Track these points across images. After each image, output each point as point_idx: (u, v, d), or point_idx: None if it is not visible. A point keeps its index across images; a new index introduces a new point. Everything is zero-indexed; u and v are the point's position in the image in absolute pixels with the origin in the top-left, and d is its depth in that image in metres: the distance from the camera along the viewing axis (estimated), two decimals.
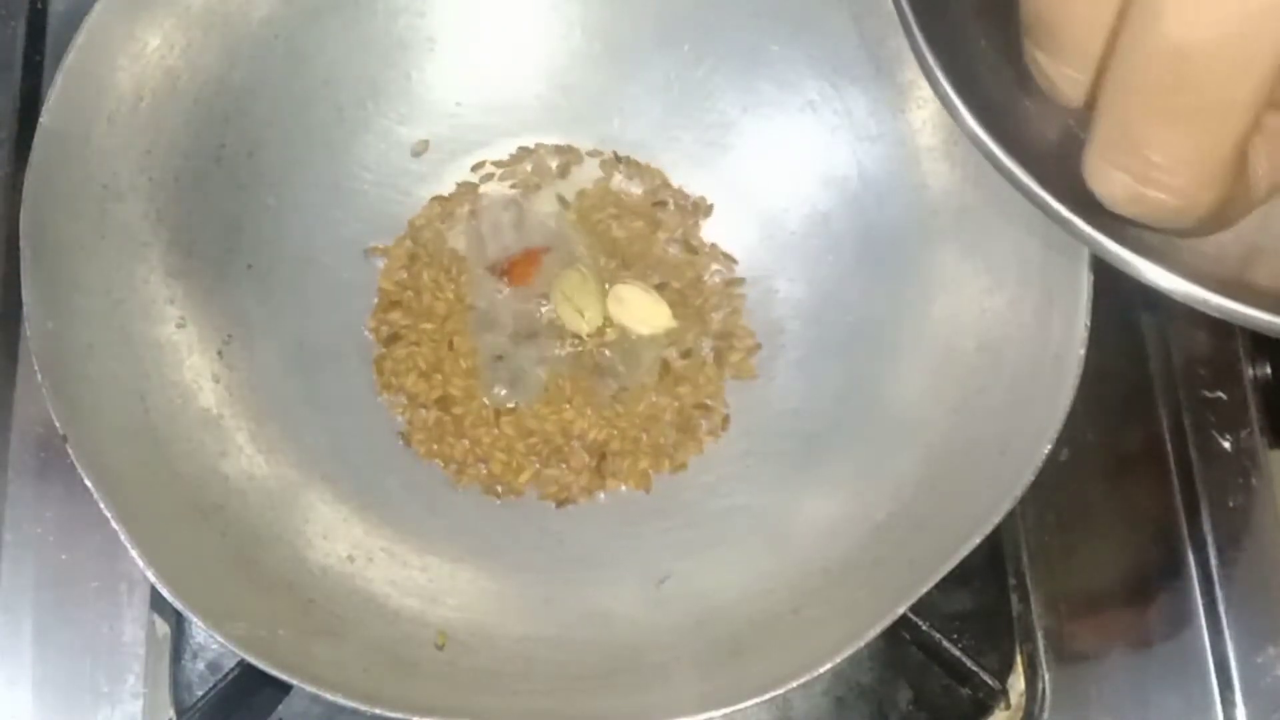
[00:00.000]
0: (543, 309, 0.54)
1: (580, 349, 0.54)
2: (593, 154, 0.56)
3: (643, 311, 0.54)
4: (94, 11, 0.47)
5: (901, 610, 0.42)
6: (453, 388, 0.53)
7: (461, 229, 0.56)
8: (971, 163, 0.50)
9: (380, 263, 0.55)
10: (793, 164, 0.55)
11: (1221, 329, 0.55)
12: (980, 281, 0.49)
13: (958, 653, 0.48)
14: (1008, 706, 0.50)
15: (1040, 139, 0.35)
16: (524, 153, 0.56)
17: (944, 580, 0.42)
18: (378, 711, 0.41)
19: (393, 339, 0.54)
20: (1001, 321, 0.48)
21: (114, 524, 0.42)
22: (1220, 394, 0.54)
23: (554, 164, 0.56)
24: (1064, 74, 0.33)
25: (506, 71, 0.56)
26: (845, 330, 0.53)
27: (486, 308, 0.54)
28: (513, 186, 0.56)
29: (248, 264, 0.52)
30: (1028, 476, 0.43)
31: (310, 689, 0.41)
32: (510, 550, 0.50)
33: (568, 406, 0.53)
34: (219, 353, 0.50)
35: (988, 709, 0.50)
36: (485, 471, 0.52)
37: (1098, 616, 0.52)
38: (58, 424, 0.43)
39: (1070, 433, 0.44)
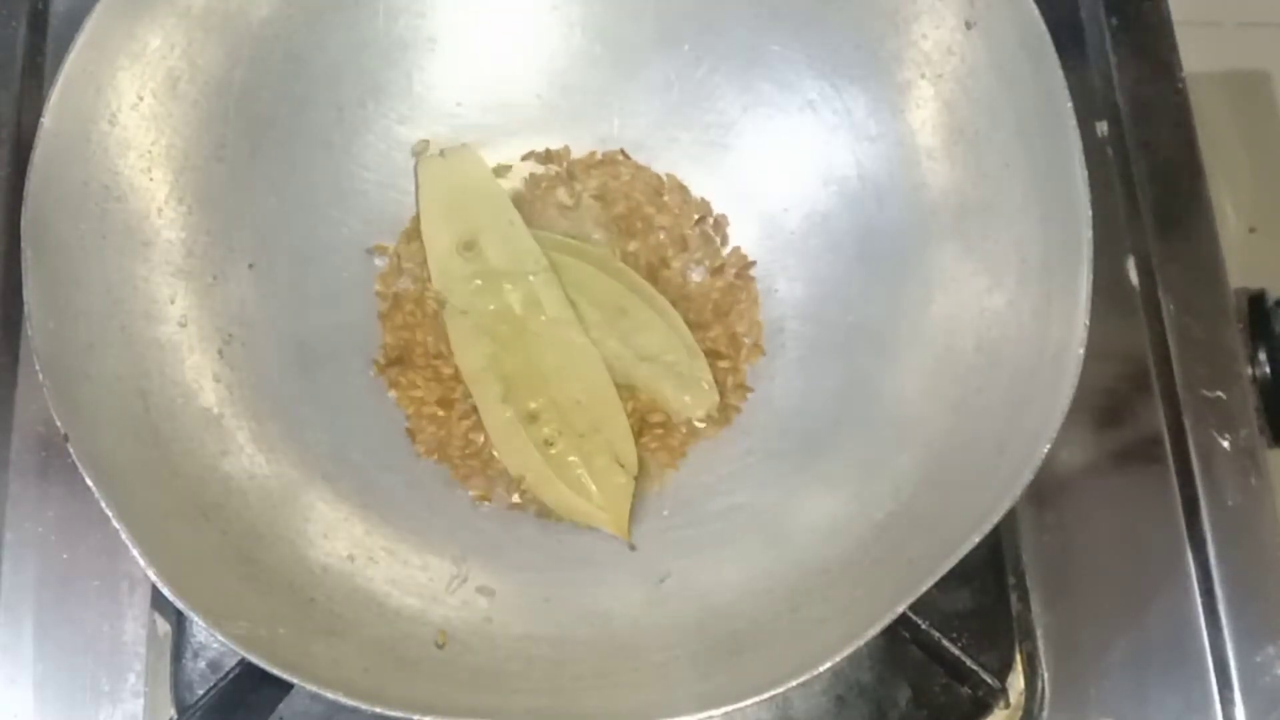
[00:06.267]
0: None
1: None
2: (607, 160, 0.56)
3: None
4: (95, 12, 0.47)
5: (901, 609, 0.42)
6: (455, 388, 0.53)
7: None
8: (971, 163, 0.50)
9: (381, 262, 0.55)
10: (793, 164, 0.55)
11: (1221, 328, 0.55)
12: (979, 281, 0.49)
13: (957, 651, 0.48)
14: (1007, 705, 0.50)
15: None
16: (532, 157, 0.56)
17: (943, 579, 0.42)
18: (378, 710, 0.41)
19: (404, 340, 0.54)
20: (1000, 321, 0.48)
21: (115, 523, 0.42)
22: (1220, 393, 0.54)
23: (557, 169, 0.56)
24: None
25: (506, 71, 0.56)
26: (845, 330, 0.53)
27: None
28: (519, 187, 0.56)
29: (249, 263, 0.52)
30: (1027, 476, 0.43)
31: (311, 688, 0.41)
32: (510, 549, 0.50)
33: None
34: (220, 352, 0.50)
35: (987, 708, 0.50)
36: (486, 470, 0.52)
37: (1097, 615, 0.52)
38: (59, 423, 0.43)
39: (1070, 432, 0.44)
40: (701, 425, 0.53)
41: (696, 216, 0.56)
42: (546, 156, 0.56)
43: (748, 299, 0.55)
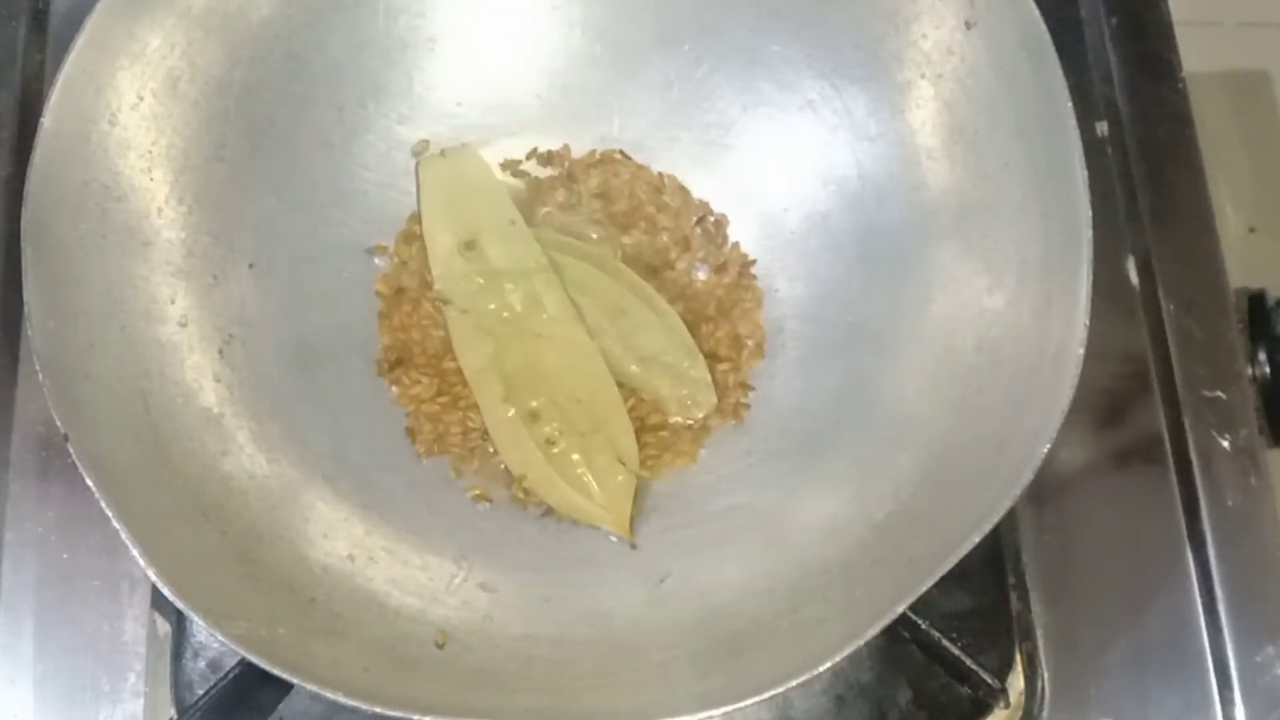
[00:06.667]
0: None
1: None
2: (606, 159, 0.56)
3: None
4: (95, 12, 0.47)
5: (901, 609, 0.42)
6: (456, 387, 0.53)
7: None
8: (971, 163, 0.50)
9: (381, 262, 0.55)
10: (793, 164, 0.55)
11: (1222, 328, 0.55)
12: (979, 281, 0.49)
13: (957, 651, 0.48)
14: (1007, 705, 0.50)
15: None
16: (533, 158, 0.56)
17: (943, 579, 0.42)
18: (378, 710, 0.41)
19: (400, 340, 0.54)
20: (1000, 321, 0.48)
21: (115, 523, 0.42)
22: (1220, 394, 0.54)
23: (558, 170, 0.56)
24: None
25: (506, 72, 0.56)
26: (845, 330, 0.53)
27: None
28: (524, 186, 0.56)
29: (249, 263, 0.52)
30: (1027, 476, 0.43)
31: (311, 688, 0.41)
32: (510, 549, 0.50)
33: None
34: (220, 352, 0.50)
35: (987, 708, 0.50)
36: (487, 466, 0.52)
37: (1097, 615, 0.52)
38: (59, 423, 0.43)
39: (1070, 432, 0.44)
40: (712, 424, 0.53)
41: (697, 217, 0.56)
42: (548, 158, 0.56)
43: (752, 300, 0.55)
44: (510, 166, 0.56)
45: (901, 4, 0.51)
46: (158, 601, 0.51)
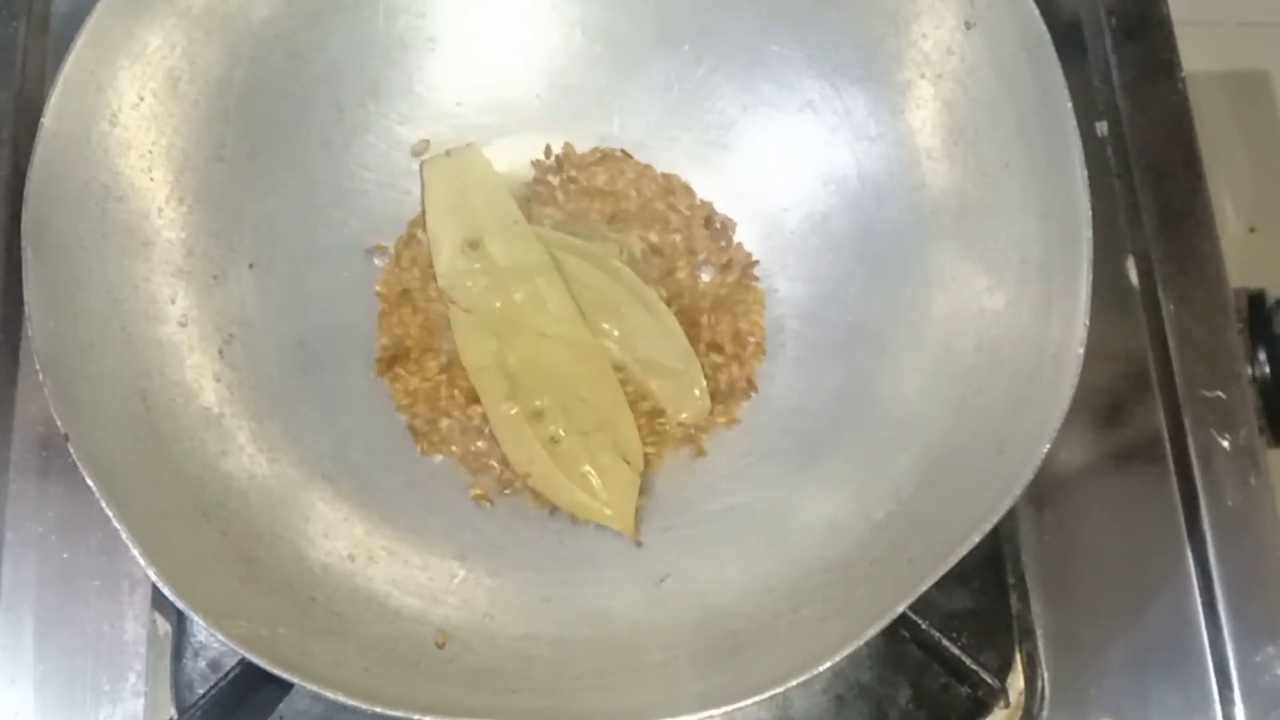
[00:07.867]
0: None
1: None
2: (608, 156, 0.56)
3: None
4: (95, 12, 0.47)
5: (901, 609, 0.42)
6: (458, 386, 0.53)
7: None
8: (971, 163, 0.50)
9: (381, 262, 0.55)
10: (793, 164, 0.55)
11: (1222, 328, 0.55)
12: (979, 281, 0.49)
13: (957, 651, 0.48)
14: (1007, 705, 0.50)
15: None
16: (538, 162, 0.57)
17: (943, 579, 0.42)
18: (378, 710, 0.41)
19: (397, 338, 0.54)
20: (1000, 321, 0.48)
21: (115, 522, 0.42)
22: (1220, 393, 0.54)
23: (561, 172, 0.56)
24: None
25: (506, 71, 0.56)
26: (845, 330, 0.53)
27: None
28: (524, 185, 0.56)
29: (249, 263, 0.52)
30: (1026, 476, 0.43)
31: (311, 687, 0.41)
32: (510, 549, 0.50)
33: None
34: (220, 352, 0.51)
35: (987, 707, 0.50)
36: (489, 469, 0.52)
37: (1097, 615, 0.52)
38: (59, 423, 0.43)
39: (1070, 432, 0.44)
40: (704, 423, 0.53)
41: (704, 216, 0.56)
42: (557, 165, 0.56)
43: (754, 300, 0.55)
44: (538, 167, 0.56)
45: (901, 4, 0.51)
46: (158, 601, 0.51)
